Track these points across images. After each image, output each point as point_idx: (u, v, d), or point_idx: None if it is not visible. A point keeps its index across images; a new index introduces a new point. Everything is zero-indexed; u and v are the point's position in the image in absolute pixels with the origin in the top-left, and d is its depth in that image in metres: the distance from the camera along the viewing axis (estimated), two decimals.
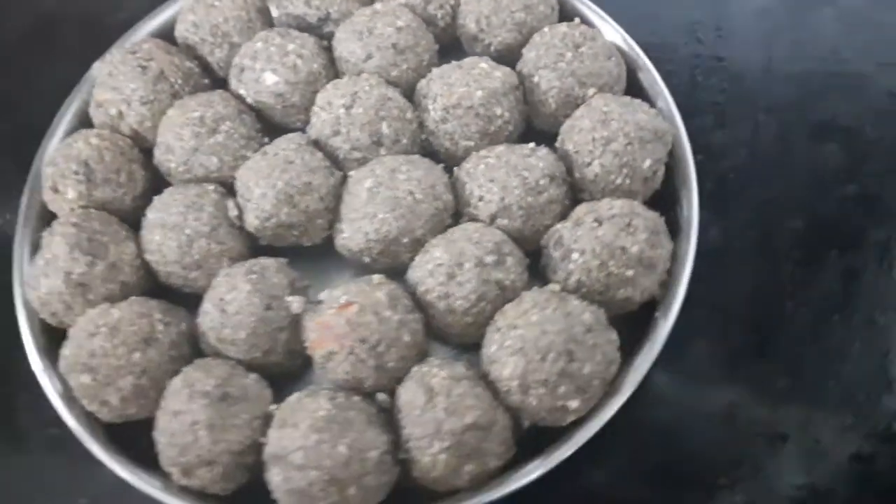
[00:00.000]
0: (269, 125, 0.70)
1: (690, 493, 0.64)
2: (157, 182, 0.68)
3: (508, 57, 0.71)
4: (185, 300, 0.64)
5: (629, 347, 0.59)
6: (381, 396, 0.58)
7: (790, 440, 0.64)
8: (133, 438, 0.59)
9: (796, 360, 0.66)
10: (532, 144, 0.64)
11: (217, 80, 0.73)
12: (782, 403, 0.65)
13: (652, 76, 0.69)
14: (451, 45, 0.74)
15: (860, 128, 0.75)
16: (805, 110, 0.77)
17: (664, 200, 0.65)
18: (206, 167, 0.66)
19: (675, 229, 0.63)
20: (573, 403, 0.56)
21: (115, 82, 0.68)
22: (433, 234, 0.62)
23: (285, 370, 0.62)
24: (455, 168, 0.66)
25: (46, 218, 0.66)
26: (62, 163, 0.65)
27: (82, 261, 0.60)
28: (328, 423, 0.54)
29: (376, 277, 0.60)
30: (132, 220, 0.66)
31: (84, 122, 0.72)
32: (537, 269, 0.63)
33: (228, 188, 0.66)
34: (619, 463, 0.64)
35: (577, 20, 0.69)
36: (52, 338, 0.63)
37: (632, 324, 0.60)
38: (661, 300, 0.61)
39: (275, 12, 0.74)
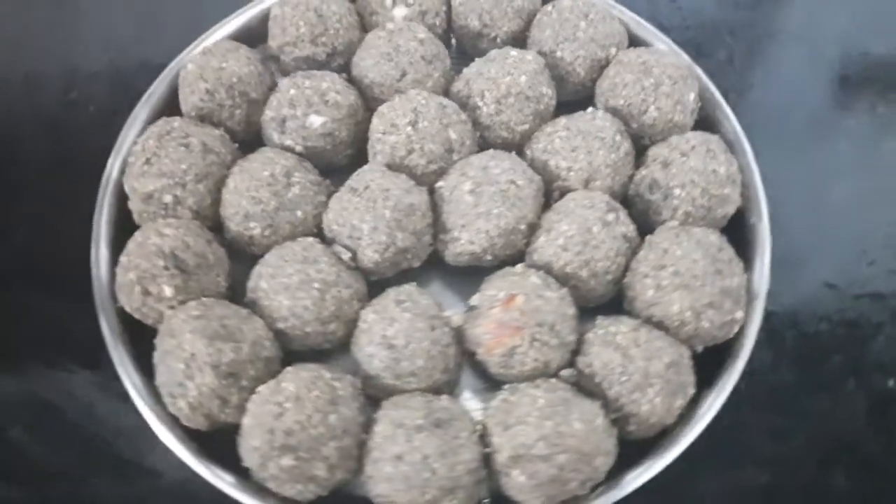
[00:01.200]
0: (316, 167, 0.69)
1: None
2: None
3: (512, 44, 0.75)
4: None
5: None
6: (566, 372, 0.60)
7: None
8: None
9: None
10: (590, 109, 0.68)
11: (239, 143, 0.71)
12: None
13: (658, 34, 0.76)
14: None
15: None
16: None
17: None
18: (291, 223, 0.64)
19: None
20: (738, 314, 0.61)
21: (161, 168, 0.64)
22: (538, 214, 0.65)
23: (452, 388, 0.62)
24: (526, 151, 0.69)
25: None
26: (145, 263, 0.60)
27: (227, 349, 0.56)
28: (553, 407, 0.55)
29: (518, 268, 0.62)
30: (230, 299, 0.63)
31: (121, 226, 0.67)
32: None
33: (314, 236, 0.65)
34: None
35: None
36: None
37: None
38: (747, 208, 0.68)
39: (282, 61, 0.72)
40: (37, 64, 0.86)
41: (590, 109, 0.69)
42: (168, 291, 0.60)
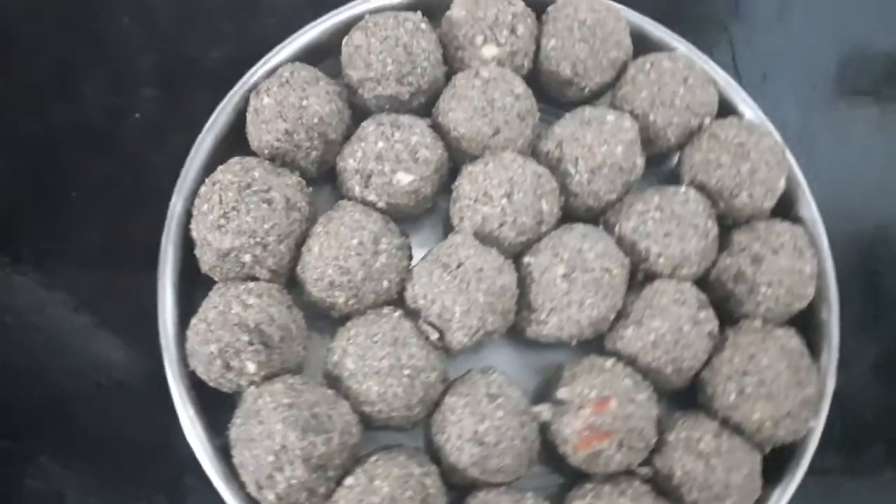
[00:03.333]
0: (394, 220, 0.66)
1: None
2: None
3: (597, 94, 0.71)
4: None
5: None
6: (643, 470, 0.61)
7: None
8: None
9: None
10: (682, 188, 0.66)
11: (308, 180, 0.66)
12: None
13: (741, 94, 0.73)
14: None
15: None
16: None
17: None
18: (376, 292, 0.61)
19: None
20: (812, 423, 0.63)
21: (241, 225, 0.59)
22: (623, 298, 0.64)
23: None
24: (614, 226, 0.67)
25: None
26: (228, 336, 0.57)
27: (319, 441, 0.55)
28: None
29: (604, 361, 0.62)
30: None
31: (186, 271, 0.63)
32: None
33: (393, 303, 0.63)
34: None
35: (675, 53, 0.70)
36: None
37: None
38: (819, 300, 0.68)
39: (360, 95, 0.67)
40: (77, 61, 0.78)
41: (682, 189, 0.66)
42: (251, 368, 0.58)
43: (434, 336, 0.61)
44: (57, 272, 0.71)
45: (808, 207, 0.71)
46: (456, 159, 0.68)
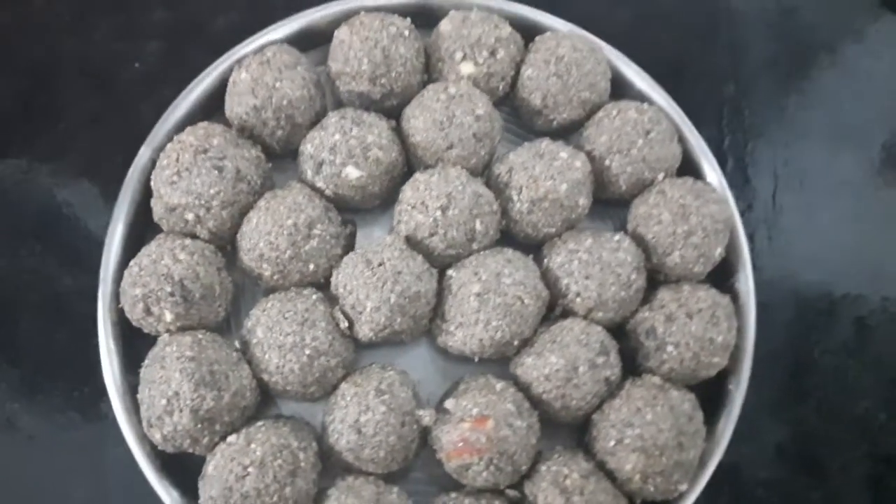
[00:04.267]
0: (342, 209, 0.70)
1: None
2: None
3: (568, 129, 0.74)
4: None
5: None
6: (512, 492, 0.64)
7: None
8: None
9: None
10: (616, 236, 0.69)
11: (271, 156, 0.71)
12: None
13: (702, 148, 0.75)
14: (499, 102, 0.75)
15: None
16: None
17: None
18: (302, 273, 0.65)
19: (733, 298, 0.71)
20: (683, 486, 0.65)
21: (189, 185, 0.64)
22: (535, 328, 0.67)
23: (406, 470, 0.66)
24: (544, 258, 0.69)
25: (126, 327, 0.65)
26: (153, 284, 0.62)
27: (209, 396, 0.60)
28: None
29: (497, 383, 0.65)
30: (223, 328, 0.65)
31: (141, 215, 0.68)
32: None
33: (320, 285, 0.67)
34: None
35: (645, 105, 0.72)
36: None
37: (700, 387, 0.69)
38: (732, 371, 0.70)
39: (336, 87, 0.71)
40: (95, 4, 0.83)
41: (617, 237, 0.69)
42: (168, 317, 0.63)
43: (344, 324, 0.65)
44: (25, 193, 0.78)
45: (745, 281, 0.72)
46: (412, 165, 0.71)
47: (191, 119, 0.70)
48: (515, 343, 0.66)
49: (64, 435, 0.73)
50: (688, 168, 0.74)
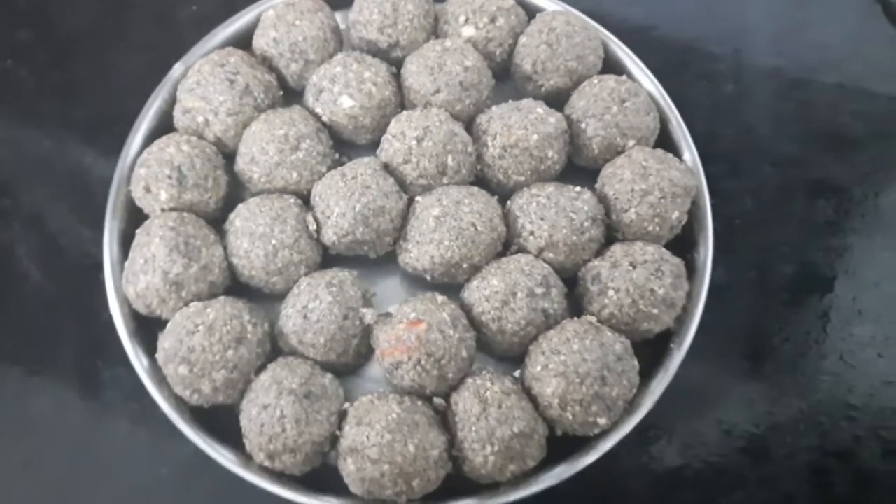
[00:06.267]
0: (338, 140, 0.78)
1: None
2: (235, 186, 0.76)
3: (557, 98, 0.79)
4: (258, 297, 0.72)
5: (646, 372, 0.70)
6: (438, 400, 0.68)
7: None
8: (213, 417, 0.69)
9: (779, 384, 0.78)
10: (578, 188, 0.73)
11: (288, 91, 0.80)
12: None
13: (682, 131, 0.79)
14: (503, 74, 0.83)
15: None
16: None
17: (682, 242, 0.75)
18: (286, 180, 0.73)
19: (690, 269, 0.73)
20: (601, 420, 0.67)
21: (204, 92, 0.74)
22: (488, 259, 0.71)
23: (350, 368, 0.72)
24: (508, 200, 0.75)
25: (131, 209, 0.74)
26: (156, 166, 0.71)
27: (179, 262, 0.68)
28: (399, 425, 0.64)
29: (440, 297, 0.69)
30: (213, 220, 0.73)
31: (165, 120, 0.78)
32: (572, 294, 0.73)
33: (304, 199, 0.74)
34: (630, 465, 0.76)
35: (624, 76, 0.78)
36: (140, 323, 0.71)
37: (648, 350, 0.71)
38: (675, 333, 0.72)
39: (351, 34, 0.81)
40: None
41: (578, 188, 0.73)
42: (164, 196, 0.72)
43: (312, 227, 0.72)
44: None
45: (705, 253, 0.75)
46: (406, 108, 0.79)
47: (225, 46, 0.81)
48: (465, 266, 0.71)
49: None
50: (664, 145, 0.78)
